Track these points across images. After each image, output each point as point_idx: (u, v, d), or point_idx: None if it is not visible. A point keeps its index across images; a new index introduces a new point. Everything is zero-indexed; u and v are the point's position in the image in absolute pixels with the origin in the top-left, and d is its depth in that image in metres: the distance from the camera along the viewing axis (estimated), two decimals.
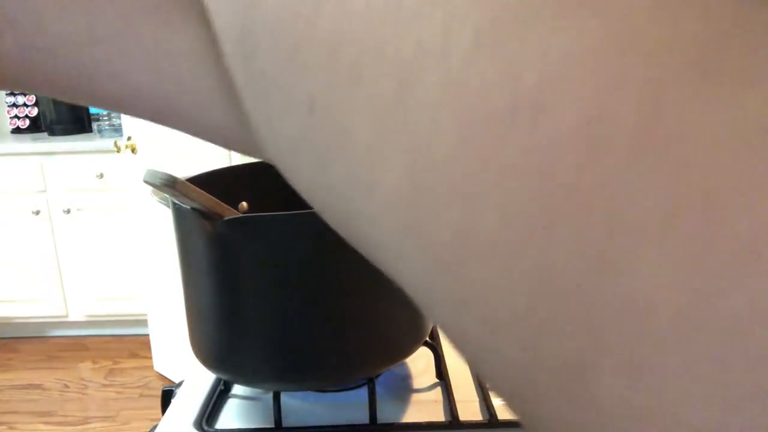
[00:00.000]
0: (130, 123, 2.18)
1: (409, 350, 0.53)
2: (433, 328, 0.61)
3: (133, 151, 2.24)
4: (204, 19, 0.13)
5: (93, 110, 2.48)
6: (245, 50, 0.11)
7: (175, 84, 0.15)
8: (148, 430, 0.57)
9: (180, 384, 0.61)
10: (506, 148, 0.09)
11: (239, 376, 0.52)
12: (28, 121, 2.60)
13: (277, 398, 0.51)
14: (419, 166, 0.09)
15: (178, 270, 0.52)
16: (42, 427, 2.03)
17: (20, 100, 2.59)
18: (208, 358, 0.53)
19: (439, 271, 0.10)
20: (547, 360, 0.09)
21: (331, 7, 0.10)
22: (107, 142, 2.26)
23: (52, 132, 2.39)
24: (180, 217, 0.50)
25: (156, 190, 0.50)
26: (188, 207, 0.46)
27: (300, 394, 0.57)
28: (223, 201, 0.47)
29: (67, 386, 2.20)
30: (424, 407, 0.55)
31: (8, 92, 2.57)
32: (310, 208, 0.40)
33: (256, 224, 0.47)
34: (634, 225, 0.08)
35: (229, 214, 0.46)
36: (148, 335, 2.36)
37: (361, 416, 0.52)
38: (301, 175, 0.12)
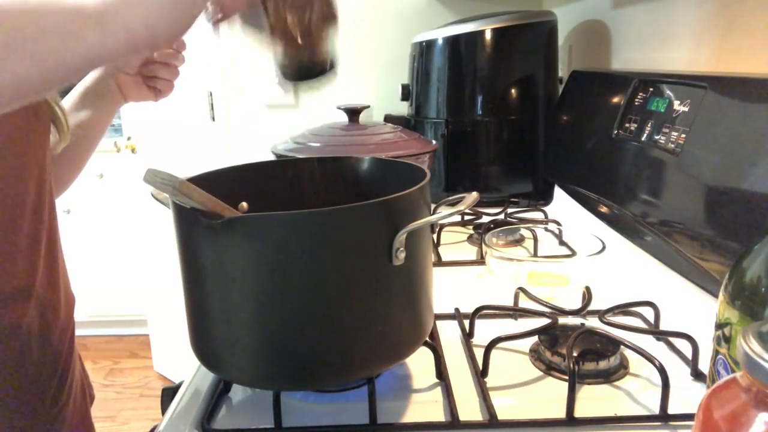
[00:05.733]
0: (129, 123, 2.18)
1: (409, 350, 0.53)
2: (433, 328, 0.61)
3: (133, 151, 2.24)
4: None
5: None
6: None
7: None
8: (148, 430, 0.57)
9: (180, 384, 0.61)
10: None
11: (239, 376, 0.52)
12: None
13: (277, 398, 0.51)
14: None
15: (178, 270, 0.52)
16: None
17: None
18: (208, 358, 0.53)
19: None
20: None
21: None
22: (107, 142, 2.26)
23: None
24: (180, 217, 0.50)
25: (156, 190, 0.50)
26: (188, 207, 0.46)
27: (300, 394, 0.57)
28: (223, 201, 0.47)
29: None
30: (424, 407, 0.55)
31: None
32: (310, 208, 0.41)
33: (256, 224, 0.46)
34: None
35: (229, 214, 0.46)
36: (148, 335, 2.35)
37: (361, 416, 0.52)
38: None
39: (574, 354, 0.58)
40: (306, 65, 0.52)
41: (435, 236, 1.01)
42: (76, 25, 0.36)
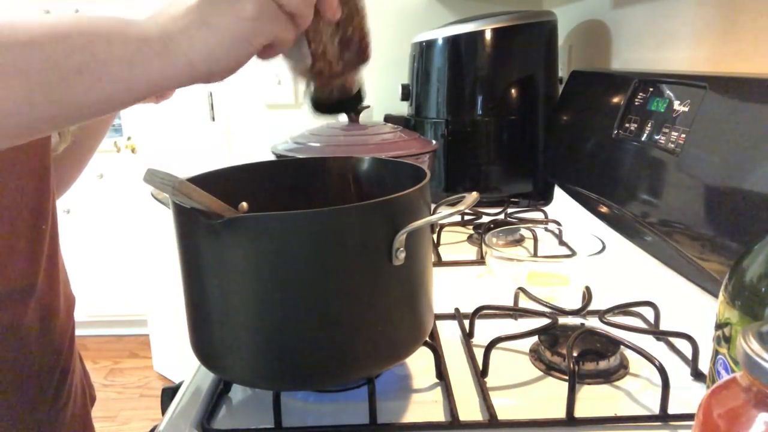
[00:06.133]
0: (129, 123, 2.18)
1: (409, 350, 0.53)
2: (433, 328, 0.61)
3: (133, 151, 2.24)
4: None
5: None
6: None
7: None
8: (148, 430, 0.57)
9: (180, 384, 0.61)
10: None
11: (239, 376, 0.52)
12: None
13: (277, 398, 0.51)
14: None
15: (178, 270, 0.52)
16: None
17: None
18: (208, 358, 0.53)
19: None
20: None
21: None
22: (107, 142, 2.26)
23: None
24: (180, 217, 0.50)
25: (156, 190, 0.50)
26: (188, 207, 0.46)
27: (300, 394, 0.57)
28: (223, 201, 0.47)
29: None
30: (424, 407, 0.55)
31: None
32: (310, 208, 0.42)
33: (256, 224, 0.46)
34: None
35: (229, 214, 0.46)
36: (148, 335, 2.36)
37: (361, 416, 0.52)
38: None
39: (574, 354, 0.58)
40: (341, 98, 0.54)
41: (435, 236, 1.01)
42: (142, 54, 0.38)
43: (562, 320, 0.65)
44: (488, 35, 1.18)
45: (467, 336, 0.67)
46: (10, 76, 0.34)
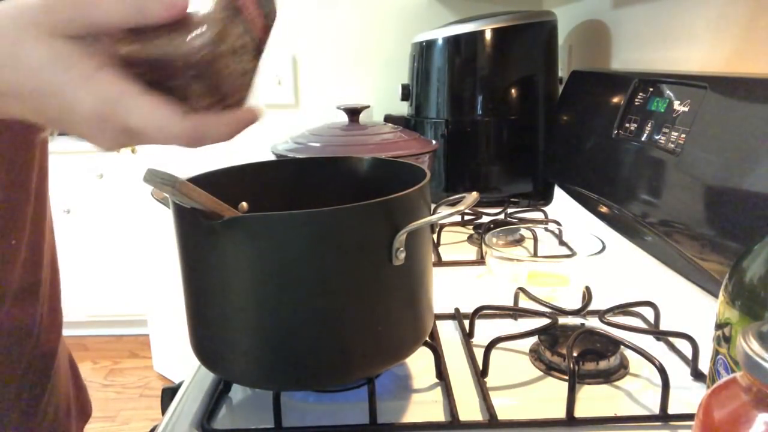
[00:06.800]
0: None
1: (409, 350, 0.53)
2: (433, 328, 0.61)
3: (133, 151, 2.24)
4: None
5: None
6: None
7: None
8: (148, 430, 0.57)
9: (180, 384, 0.61)
10: None
11: (239, 376, 0.52)
12: None
13: (277, 398, 0.51)
14: None
15: (178, 270, 0.52)
16: None
17: None
18: (208, 358, 0.53)
19: None
20: None
21: None
22: None
23: (52, 132, 2.39)
24: (180, 217, 0.50)
25: (156, 190, 0.50)
26: (188, 207, 0.46)
27: (300, 394, 0.57)
28: (223, 201, 0.47)
29: None
30: (424, 407, 0.55)
31: None
32: (310, 208, 0.42)
33: (256, 224, 0.46)
34: None
35: (229, 214, 0.46)
36: (148, 335, 2.35)
37: (361, 416, 0.52)
38: None
39: (574, 354, 0.58)
40: None
41: (435, 236, 1.01)
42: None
43: (562, 320, 0.65)
44: (488, 35, 1.18)
45: (467, 336, 0.67)
46: None
